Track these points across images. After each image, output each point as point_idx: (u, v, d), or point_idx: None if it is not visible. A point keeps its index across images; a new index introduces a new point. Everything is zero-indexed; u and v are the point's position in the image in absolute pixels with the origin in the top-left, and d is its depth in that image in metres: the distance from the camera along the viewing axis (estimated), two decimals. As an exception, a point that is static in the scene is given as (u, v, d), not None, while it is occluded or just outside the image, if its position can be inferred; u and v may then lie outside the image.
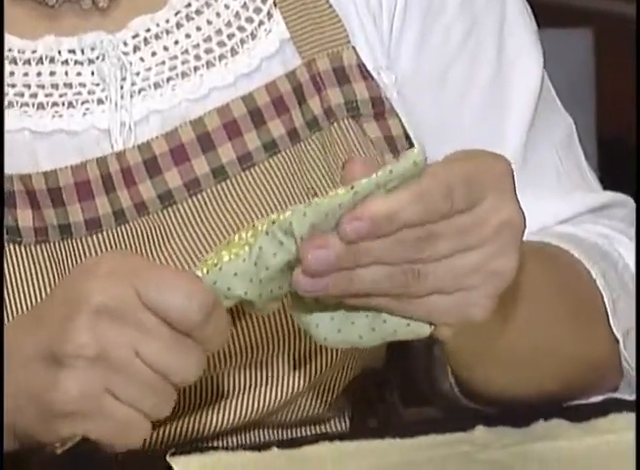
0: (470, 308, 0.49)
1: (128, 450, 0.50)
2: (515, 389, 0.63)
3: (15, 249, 0.60)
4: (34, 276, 0.59)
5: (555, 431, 0.60)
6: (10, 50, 0.62)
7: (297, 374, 0.63)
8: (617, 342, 0.63)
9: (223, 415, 0.63)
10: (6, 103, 0.61)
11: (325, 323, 0.51)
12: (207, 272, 0.49)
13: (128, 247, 0.60)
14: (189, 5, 0.64)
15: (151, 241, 0.61)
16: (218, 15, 0.64)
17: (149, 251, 0.60)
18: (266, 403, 0.63)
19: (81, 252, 0.60)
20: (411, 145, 0.64)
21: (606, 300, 0.63)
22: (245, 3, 0.64)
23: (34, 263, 0.60)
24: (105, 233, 0.60)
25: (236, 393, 0.63)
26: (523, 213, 0.49)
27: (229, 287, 0.48)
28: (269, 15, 0.64)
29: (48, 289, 0.59)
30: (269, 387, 0.63)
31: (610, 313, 0.63)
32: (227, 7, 0.64)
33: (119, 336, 0.47)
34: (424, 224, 0.46)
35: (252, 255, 0.48)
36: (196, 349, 0.47)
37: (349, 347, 0.53)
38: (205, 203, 0.61)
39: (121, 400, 0.47)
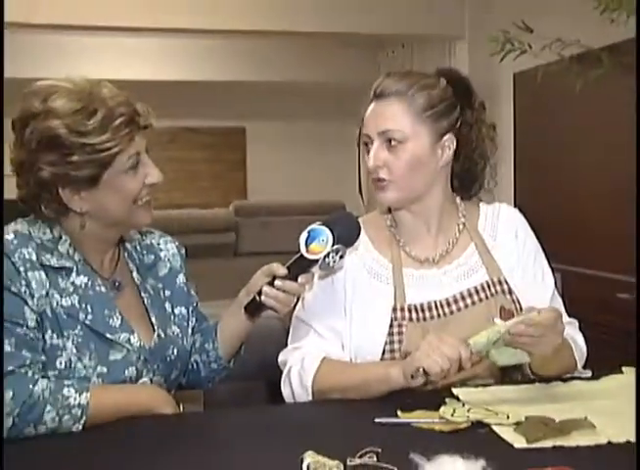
0: (548, 350, 1.52)
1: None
2: (548, 372, 1.63)
3: (412, 325, 1.66)
4: (420, 336, 1.61)
5: (564, 384, 1.64)
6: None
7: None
8: (575, 360, 1.72)
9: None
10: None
11: (501, 357, 1.51)
12: (473, 343, 1.48)
13: (454, 323, 1.68)
14: (463, 264, 1.78)
15: (456, 323, 1.66)
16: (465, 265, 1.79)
17: (455, 323, 1.67)
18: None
19: (444, 322, 1.68)
20: (519, 304, 1.73)
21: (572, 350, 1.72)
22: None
23: (422, 330, 1.65)
24: (435, 318, 1.71)
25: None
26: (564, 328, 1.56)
27: (479, 350, 1.49)
28: (481, 268, 1.77)
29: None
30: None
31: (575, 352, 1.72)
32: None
33: (439, 348, 1.48)
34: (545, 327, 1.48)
35: (490, 338, 1.48)
36: (455, 363, 1.49)
37: (507, 366, 1.56)
38: (462, 315, 1.69)
39: (438, 362, 1.47)
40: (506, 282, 1.73)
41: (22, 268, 1.50)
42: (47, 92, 1.53)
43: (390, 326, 1.67)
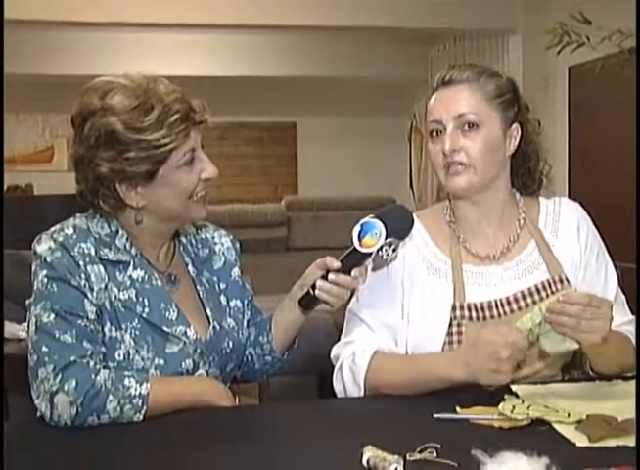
0: (594, 337, 1.45)
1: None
2: (608, 370, 1.58)
3: (471, 324, 1.65)
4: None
5: (626, 383, 1.58)
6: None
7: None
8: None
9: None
10: None
11: (549, 344, 1.48)
12: (521, 327, 1.48)
13: (514, 323, 1.52)
14: (524, 261, 1.74)
15: (515, 323, 1.53)
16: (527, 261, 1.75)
17: (515, 323, 1.55)
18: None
19: (504, 322, 1.62)
20: None
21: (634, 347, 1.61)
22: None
23: (480, 326, 1.62)
24: (495, 318, 1.66)
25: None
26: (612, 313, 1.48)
27: (527, 334, 1.47)
28: (541, 265, 1.73)
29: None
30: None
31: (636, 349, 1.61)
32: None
33: (513, 357, 1.46)
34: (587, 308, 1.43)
35: (534, 321, 1.47)
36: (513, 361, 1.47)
37: (555, 353, 1.53)
38: (521, 315, 1.58)
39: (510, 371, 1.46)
40: (567, 280, 1.70)
41: (81, 262, 1.53)
42: (105, 89, 1.55)
43: (450, 325, 1.65)
